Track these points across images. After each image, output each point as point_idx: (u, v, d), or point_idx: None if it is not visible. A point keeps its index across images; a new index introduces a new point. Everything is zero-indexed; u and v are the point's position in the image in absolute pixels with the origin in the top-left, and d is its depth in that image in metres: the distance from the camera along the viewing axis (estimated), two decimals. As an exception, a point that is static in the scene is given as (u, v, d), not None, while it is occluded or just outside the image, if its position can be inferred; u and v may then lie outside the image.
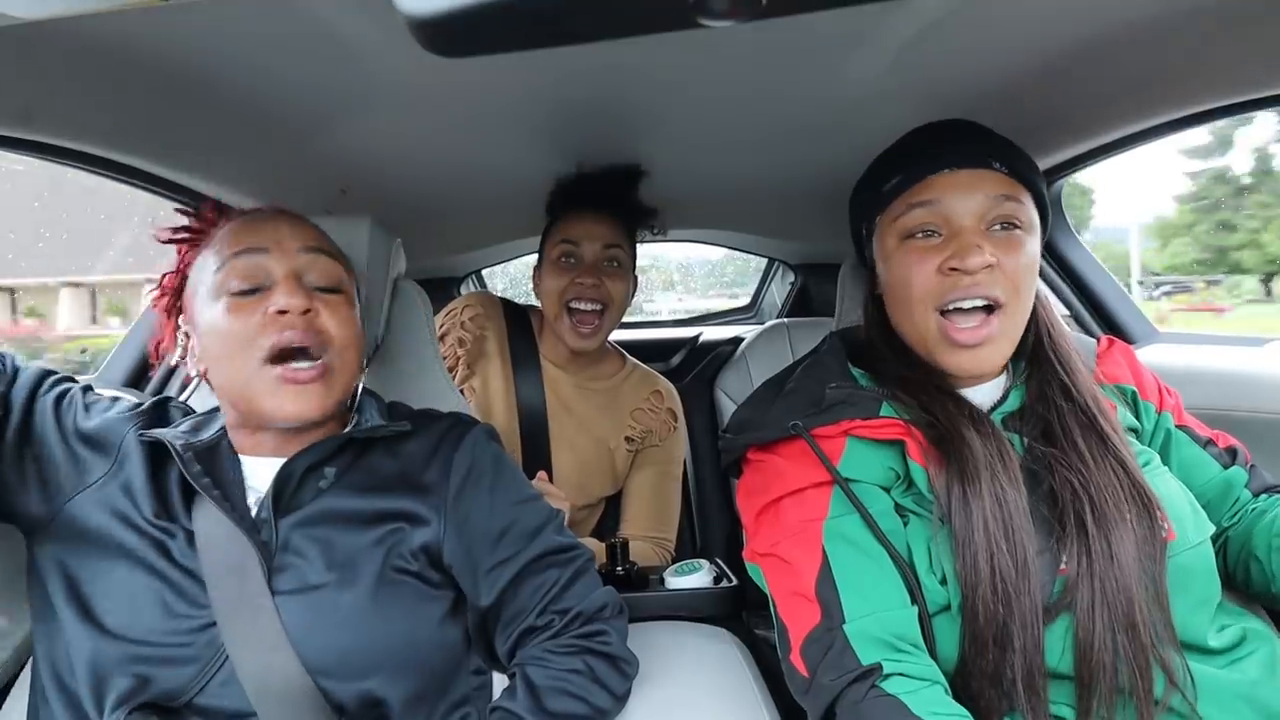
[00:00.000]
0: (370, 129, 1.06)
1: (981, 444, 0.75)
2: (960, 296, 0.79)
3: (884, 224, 0.86)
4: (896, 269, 0.84)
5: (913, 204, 0.81)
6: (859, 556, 0.75)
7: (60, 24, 0.52)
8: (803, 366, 0.93)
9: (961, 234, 0.79)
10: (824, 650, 0.72)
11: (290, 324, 0.74)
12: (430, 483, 0.82)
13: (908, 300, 0.82)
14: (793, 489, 0.80)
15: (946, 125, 0.86)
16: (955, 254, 0.78)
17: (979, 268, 0.77)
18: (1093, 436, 0.77)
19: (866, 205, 0.90)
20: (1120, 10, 0.81)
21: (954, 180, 0.80)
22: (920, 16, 0.80)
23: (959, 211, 0.79)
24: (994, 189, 0.79)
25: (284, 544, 0.76)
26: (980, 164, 0.80)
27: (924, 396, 0.81)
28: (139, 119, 0.92)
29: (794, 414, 0.83)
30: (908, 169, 0.83)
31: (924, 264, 0.80)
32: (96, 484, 0.77)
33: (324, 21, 0.74)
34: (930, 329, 0.81)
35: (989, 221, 0.79)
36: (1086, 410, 0.79)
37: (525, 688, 0.76)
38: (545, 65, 0.88)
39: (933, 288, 0.80)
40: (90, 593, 0.73)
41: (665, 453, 1.54)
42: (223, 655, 0.71)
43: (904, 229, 0.82)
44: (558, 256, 1.38)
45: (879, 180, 0.86)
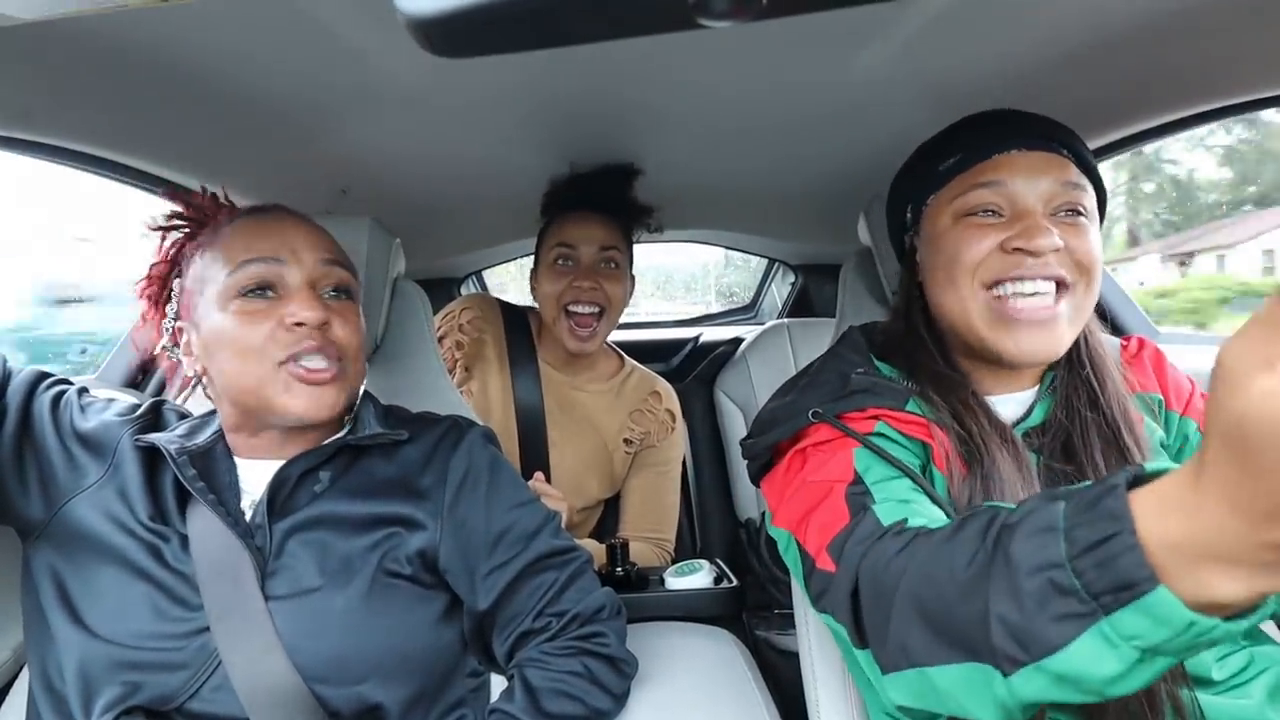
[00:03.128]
0: (370, 129, 1.06)
1: (1011, 469, 0.71)
2: (1022, 275, 0.73)
3: (937, 204, 0.80)
4: (947, 245, 0.77)
5: (976, 183, 0.76)
6: (891, 473, 0.71)
7: (59, 24, 0.52)
8: (821, 358, 0.88)
9: (1029, 215, 0.73)
10: (849, 534, 0.65)
11: (307, 335, 0.75)
12: (427, 487, 0.81)
13: (953, 277, 0.76)
14: (821, 440, 0.76)
15: (1008, 111, 0.81)
16: (1021, 234, 0.73)
17: (1047, 249, 0.72)
18: (1114, 453, 0.74)
19: (916, 184, 0.84)
20: (1131, 5, 0.80)
21: (1022, 161, 0.75)
22: (924, 13, 0.80)
23: (1026, 193, 0.74)
24: (1062, 174, 0.75)
25: (278, 549, 0.75)
26: (1048, 148, 0.76)
27: (955, 402, 0.76)
28: (138, 120, 0.92)
29: (814, 403, 0.79)
30: (971, 147, 0.78)
31: (981, 239, 0.75)
32: (92, 487, 0.77)
33: (324, 22, 0.74)
34: (979, 307, 0.75)
35: (1055, 207, 0.75)
36: (1112, 423, 0.75)
37: (523, 689, 0.75)
38: (545, 65, 0.88)
39: (988, 263, 0.75)
40: (81, 597, 0.73)
41: (664, 454, 1.54)
42: (215, 660, 0.71)
43: (962, 208, 0.77)
44: (554, 259, 1.38)
45: (935, 158, 0.81)
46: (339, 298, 0.80)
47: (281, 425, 0.78)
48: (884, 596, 0.57)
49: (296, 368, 0.74)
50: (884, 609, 0.57)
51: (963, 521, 0.55)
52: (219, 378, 0.77)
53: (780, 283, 2.56)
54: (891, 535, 0.61)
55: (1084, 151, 0.77)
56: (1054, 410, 0.78)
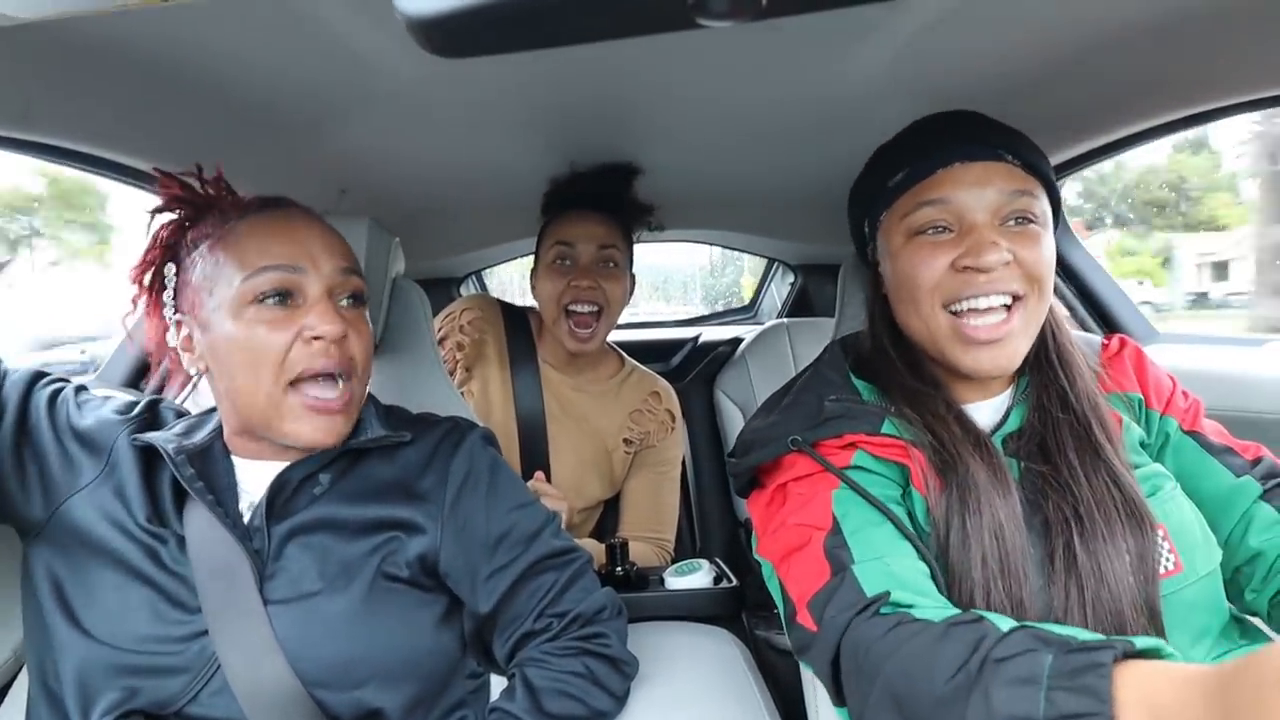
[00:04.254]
0: (369, 129, 1.06)
1: (986, 475, 0.72)
2: (975, 294, 0.74)
3: (889, 221, 0.81)
4: (903, 266, 0.78)
5: (921, 201, 0.76)
6: (869, 519, 0.72)
7: (59, 24, 0.52)
8: (803, 379, 0.89)
9: (975, 230, 0.74)
10: (830, 594, 0.68)
11: (324, 350, 0.74)
12: (427, 490, 0.81)
13: (914, 298, 0.78)
14: (800, 474, 0.77)
15: (952, 116, 0.81)
16: (969, 251, 0.73)
17: (996, 265, 0.72)
18: (1087, 450, 0.74)
19: (869, 201, 0.84)
20: (1125, 9, 0.81)
21: (965, 174, 0.75)
22: (921, 14, 0.80)
23: (971, 207, 0.75)
24: (1007, 183, 0.75)
25: (276, 552, 0.75)
26: (992, 156, 0.75)
27: (928, 415, 0.77)
28: (138, 119, 0.92)
29: (794, 428, 0.80)
30: (914, 163, 0.78)
31: (933, 260, 0.75)
32: (89, 487, 0.76)
33: (323, 22, 0.74)
34: (940, 327, 0.77)
35: (1003, 217, 0.75)
36: (1082, 419, 0.76)
37: (524, 689, 0.75)
38: (544, 65, 0.88)
39: (943, 283, 0.75)
40: (79, 598, 0.73)
41: (664, 454, 1.54)
42: (214, 664, 0.70)
43: (911, 227, 0.77)
44: (553, 259, 1.38)
45: (883, 174, 0.81)
46: (353, 306, 0.80)
47: (282, 444, 0.77)
48: (864, 676, 0.61)
49: (307, 397, 0.74)
50: (863, 688, 0.61)
51: (949, 627, 0.57)
52: (225, 384, 0.76)
53: (780, 282, 2.56)
54: (875, 614, 0.63)
55: (1031, 155, 0.77)
56: (1028, 414, 0.79)
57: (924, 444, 0.75)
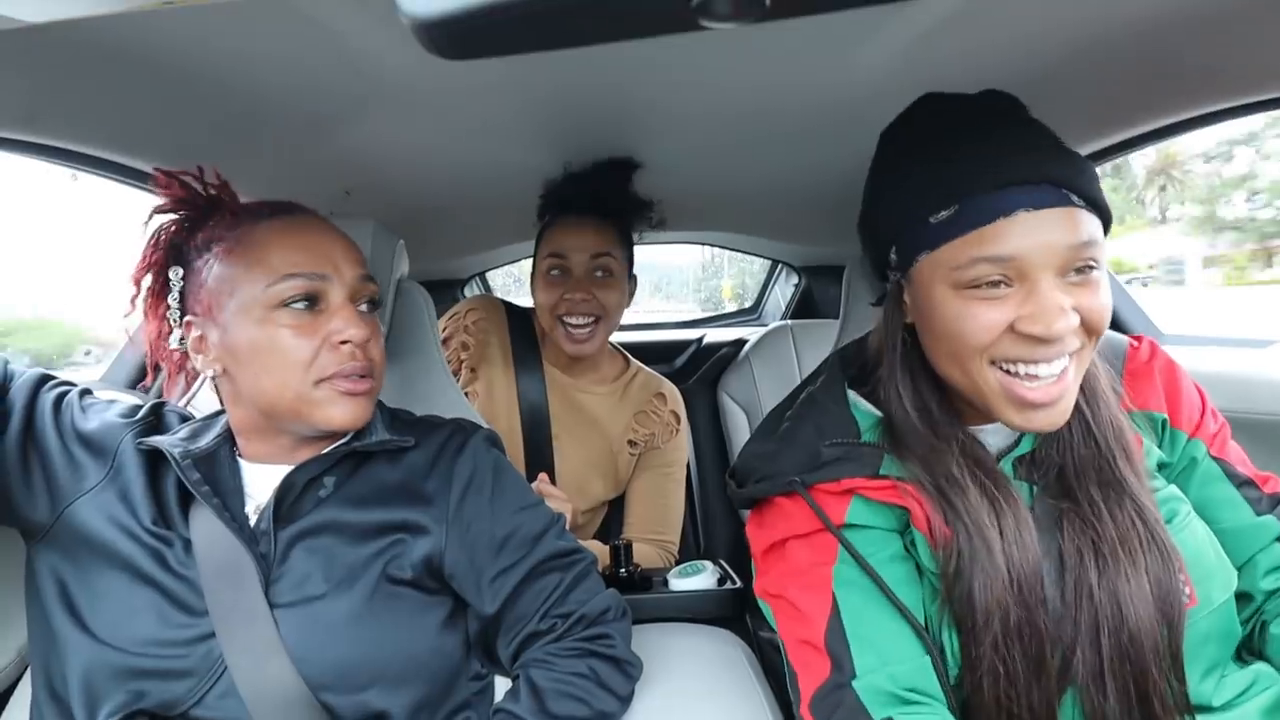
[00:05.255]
0: (373, 131, 1.07)
1: (989, 511, 0.68)
2: (1033, 359, 0.66)
3: (931, 264, 0.69)
4: (947, 319, 0.69)
5: (978, 257, 0.65)
6: (870, 604, 0.71)
7: (64, 27, 0.52)
8: (801, 401, 0.84)
9: (1040, 292, 0.64)
10: (833, 708, 0.68)
11: (351, 354, 0.76)
12: (432, 492, 0.81)
13: (958, 353, 0.69)
14: (799, 532, 0.75)
15: (1002, 130, 0.69)
16: (1034, 317, 0.64)
17: (1064, 333, 0.64)
18: (1110, 483, 0.70)
19: (900, 231, 0.72)
20: (1137, 7, 0.80)
21: (1030, 226, 0.64)
22: (929, 14, 0.79)
23: (1037, 264, 0.64)
24: (1075, 232, 0.64)
25: (282, 555, 0.75)
26: (1058, 200, 0.65)
27: (931, 443, 0.72)
28: (142, 122, 0.92)
29: (791, 465, 0.76)
30: (969, 205, 0.66)
31: (988, 318, 0.66)
32: (94, 490, 0.76)
33: (327, 24, 0.74)
34: (989, 384, 0.68)
35: (1069, 269, 0.65)
36: (1105, 450, 0.71)
37: (529, 690, 0.75)
38: (548, 65, 0.88)
39: (997, 344, 0.67)
40: (84, 601, 0.73)
41: (668, 455, 1.54)
42: (220, 666, 0.70)
43: (962, 280, 0.67)
44: (546, 269, 1.37)
45: (922, 205, 0.69)
46: (370, 312, 0.81)
47: (305, 433, 0.79)
48: None
49: (336, 383, 0.76)
50: None
51: None
52: (247, 385, 0.76)
53: (784, 284, 2.55)
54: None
55: (1090, 186, 0.67)
56: (1044, 438, 0.75)
57: (923, 483, 0.71)
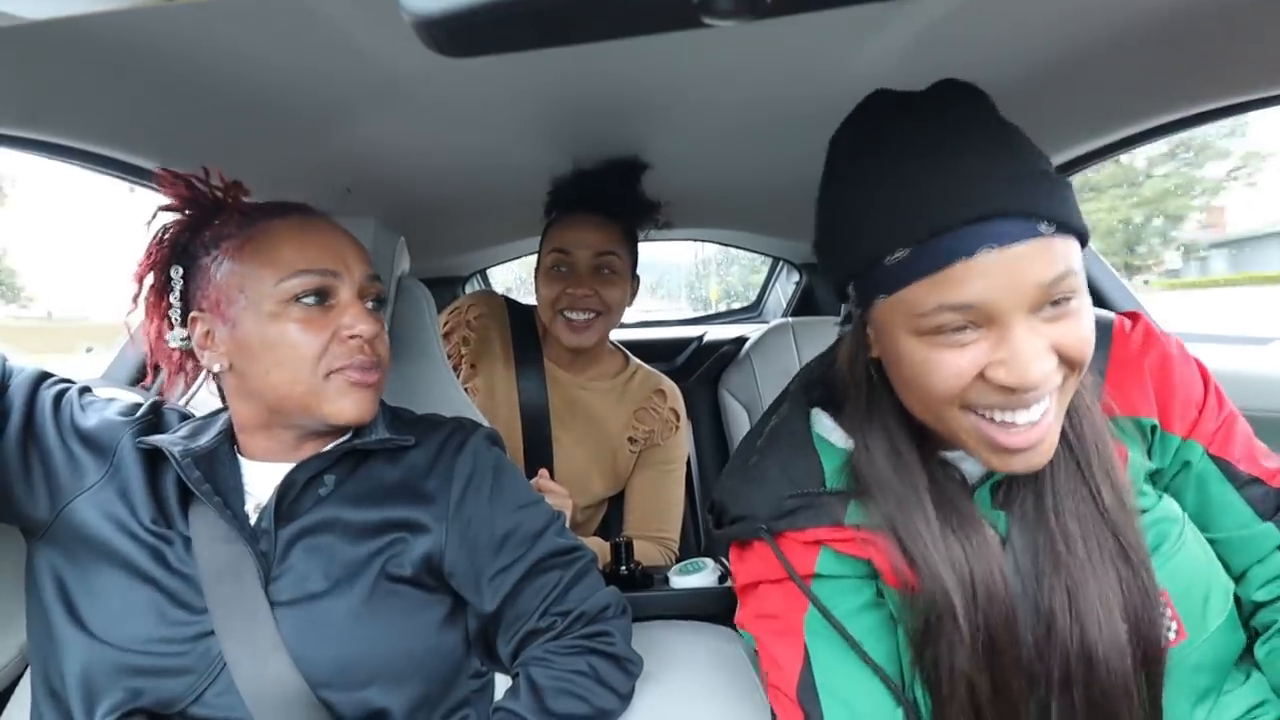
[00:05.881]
0: (374, 128, 1.06)
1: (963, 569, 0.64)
2: (1009, 407, 0.60)
3: (890, 308, 0.62)
4: (910, 364, 0.62)
5: (939, 305, 0.58)
6: (841, 657, 0.69)
7: (65, 23, 0.52)
8: (768, 431, 0.79)
9: (1011, 337, 0.58)
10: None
11: (360, 349, 0.77)
12: (432, 490, 0.81)
13: (925, 398, 0.63)
14: (772, 578, 0.73)
15: (961, 135, 0.61)
16: (1007, 365, 0.58)
17: (1042, 380, 0.58)
18: (1090, 517, 0.65)
19: (852, 271, 0.65)
20: (1137, 5, 0.80)
21: (995, 265, 0.56)
22: (930, 9, 0.79)
23: (1006, 307, 0.57)
24: (1049, 268, 0.57)
25: (282, 553, 0.76)
26: (1027, 233, 0.56)
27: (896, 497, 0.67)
28: (143, 118, 0.92)
29: (761, 508, 0.73)
30: (922, 247, 0.58)
31: (955, 365, 0.60)
32: (93, 488, 0.76)
33: (329, 21, 0.74)
34: (961, 427, 0.63)
35: (1043, 304, 0.58)
36: (1088, 476, 0.66)
37: (528, 688, 0.75)
38: (549, 63, 0.88)
39: (967, 391, 0.61)
40: (83, 599, 0.73)
41: (668, 452, 1.54)
42: (219, 664, 0.71)
43: (923, 327, 0.60)
44: (550, 265, 1.38)
45: (872, 243, 0.61)
46: (375, 310, 0.82)
47: (311, 428, 0.79)
48: None
49: (349, 374, 0.77)
50: None
51: None
52: (256, 379, 0.77)
53: (785, 282, 2.55)
54: None
55: (1060, 206, 0.58)
56: None
57: (888, 531, 0.67)
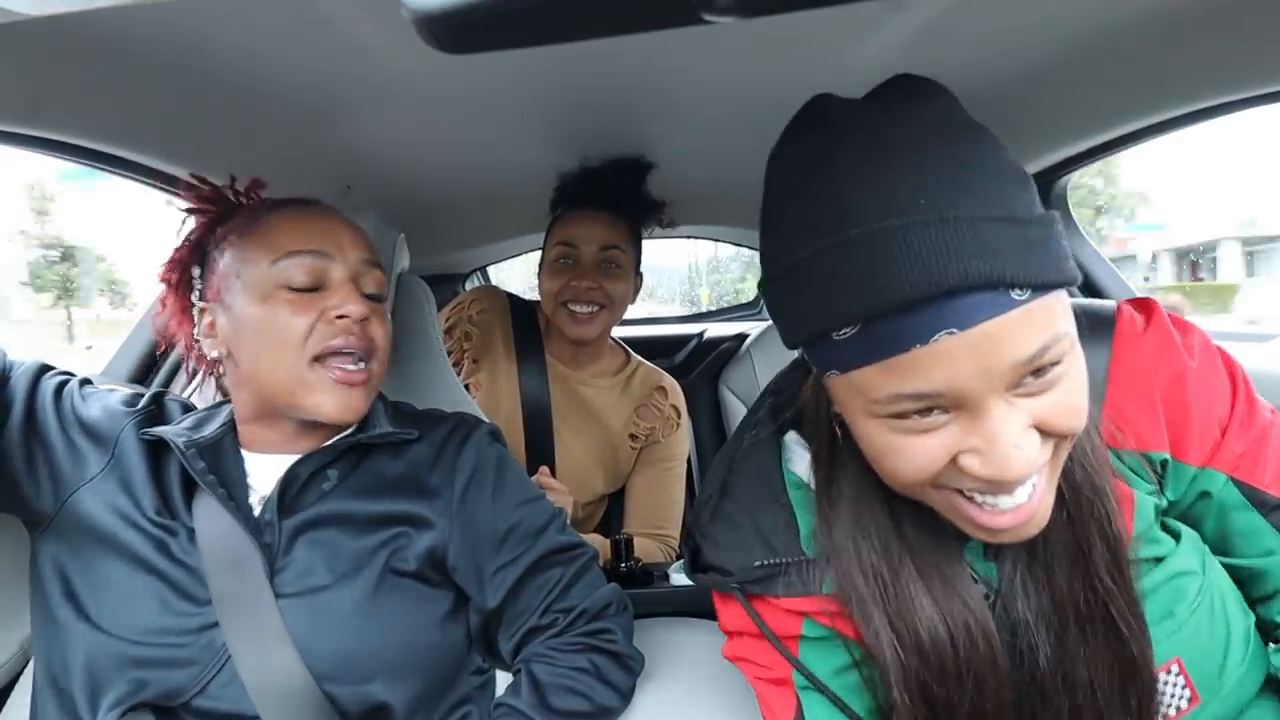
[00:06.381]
0: (375, 124, 1.06)
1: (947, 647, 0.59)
2: (987, 492, 0.54)
3: (843, 384, 0.54)
4: (871, 446, 0.56)
5: (897, 394, 0.50)
6: (834, 713, 0.66)
7: (66, 20, 0.52)
8: (737, 461, 0.73)
9: (985, 421, 0.50)
10: None
11: (348, 329, 0.76)
12: (435, 485, 0.81)
13: (892, 480, 0.57)
14: (754, 632, 0.69)
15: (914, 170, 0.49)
16: (982, 456, 0.51)
17: (1025, 475, 0.51)
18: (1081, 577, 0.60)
19: (800, 338, 0.56)
20: (1128, 5, 0.80)
21: (961, 350, 0.47)
22: (928, 9, 0.79)
23: (976, 391, 0.49)
24: (1025, 343, 0.48)
25: (286, 546, 0.76)
26: (999, 305, 0.47)
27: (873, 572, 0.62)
28: (144, 115, 0.92)
29: (736, 565, 0.68)
30: (871, 327, 0.49)
31: (921, 452, 0.53)
32: (95, 479, 0.76)
33: (329, 18, 0.74)
34: (941, 505, 0.57)
35: (1020, 379, 0.50)
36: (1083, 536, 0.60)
37: (530, 684, 0.76)
38: (551, 60, 0.88)
39: (941, 475, 0.54)
40: (87, 591, 0.73)
41: (669, 450, 1.54)
42: (224, 656, 0.71)
43: (880, 412, 0.53)
44: (555, 257, 1.38)
45: (818, 313, 0.52)
46: (373, 299, 0.81)
47: (301, 420, 0.79)
48: None
49: (331, 369, 0.75)
50: None
51: None
52: (247, 365, 0.77)
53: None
54: None
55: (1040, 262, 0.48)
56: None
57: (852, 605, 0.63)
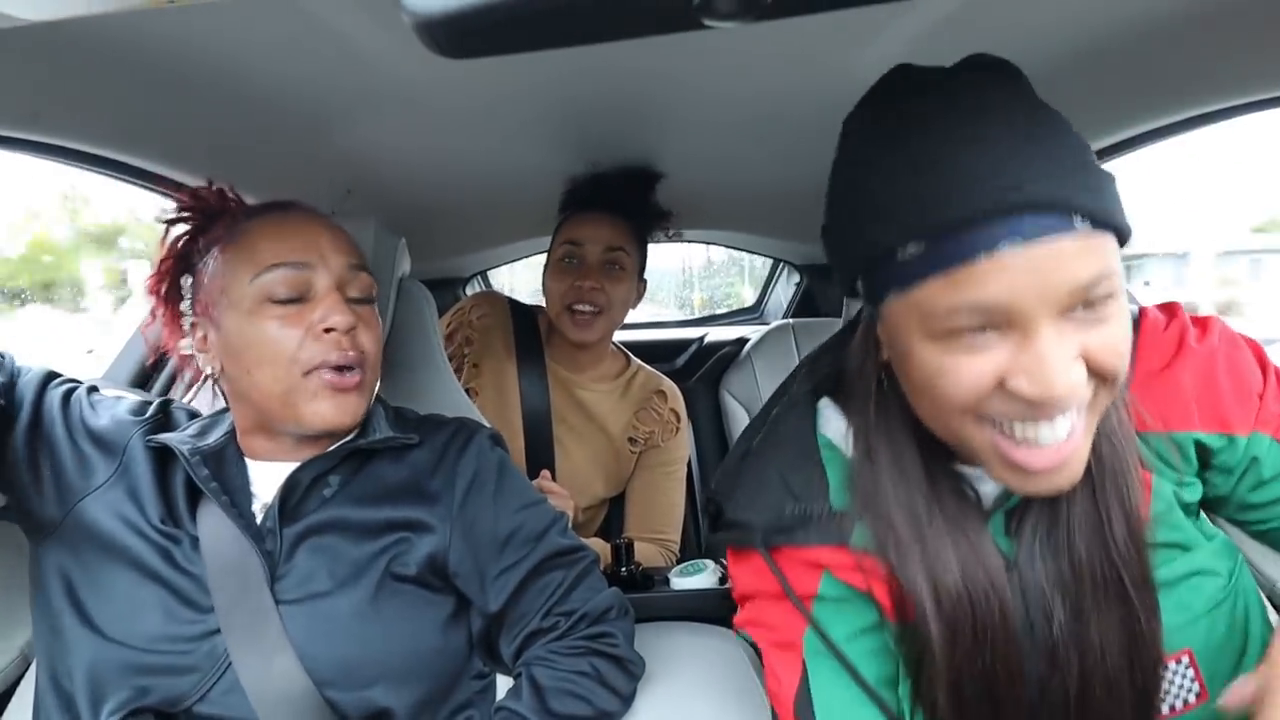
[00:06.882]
0: (376, 129, 1.07)
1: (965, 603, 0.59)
2: (1029, 419, 0.53)
3: (901, 305, 0.55)
4: (920, 369, 0.56)
5: (954, 306, 0.51)
6: (840, 678, 0.66)
7: (67, 25, 0.53)
8: (767, 428, 0.74)
9: (1035, 343, 0.50)
10: None
11: (336, 342, 0.75)
12: (436, 491, 0.81)
13: (938, 409, 0.57)
14: (769, 592, 0.69)
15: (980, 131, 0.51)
16: (1029, 373, 0.50)
17: (1068, 394, 0.50)
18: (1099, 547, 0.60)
19: (861, 266, 0.58)
20: (1129, 10, 0.80)
21: (1019, 262, 0.49)
22: (929, 13, 0.79)
23: (1029, 308, 0.50)
24: (1083, 268, 0.49)
25: (287, 553, 0.76)
26: (1056, 227, 0.49)
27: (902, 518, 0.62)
28: (145, 121, 0.92)
29: (759, 517, 0.68)
30: (937, 240, 0.51)
31: (971, 372, 0.53)
32: (102, 487, 0.76)
33: (330, 22, 0.74)
34: (976, 441, 0.56)
35: (1075, 306, 0.51)
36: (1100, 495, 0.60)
37: (531, 688, 0.76)
38: (551, 64, 0.88)
39: (983, 401, 0.54)
40: (91, 598, 0.73)
41: (669, 454, 1.54)
42: (225, 662, 0.71)
43: (937, 329, 0.53)
44: (560, 257, 1.39)
45: (883, 235, 0.54)
46: (362, 303, 0.81)
47: (300, 432, 0.78)
48: None
49: (324, 376, 0.75)
50: None
51: None
52: (241, 380, 0.76)
53: (785, 283, 2.55)
54: None
55: (1100, 200, 0.50)
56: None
57: (885, 556, 0.63)
